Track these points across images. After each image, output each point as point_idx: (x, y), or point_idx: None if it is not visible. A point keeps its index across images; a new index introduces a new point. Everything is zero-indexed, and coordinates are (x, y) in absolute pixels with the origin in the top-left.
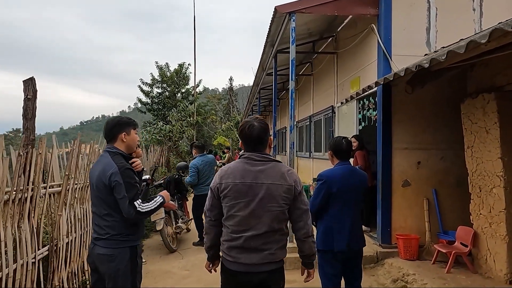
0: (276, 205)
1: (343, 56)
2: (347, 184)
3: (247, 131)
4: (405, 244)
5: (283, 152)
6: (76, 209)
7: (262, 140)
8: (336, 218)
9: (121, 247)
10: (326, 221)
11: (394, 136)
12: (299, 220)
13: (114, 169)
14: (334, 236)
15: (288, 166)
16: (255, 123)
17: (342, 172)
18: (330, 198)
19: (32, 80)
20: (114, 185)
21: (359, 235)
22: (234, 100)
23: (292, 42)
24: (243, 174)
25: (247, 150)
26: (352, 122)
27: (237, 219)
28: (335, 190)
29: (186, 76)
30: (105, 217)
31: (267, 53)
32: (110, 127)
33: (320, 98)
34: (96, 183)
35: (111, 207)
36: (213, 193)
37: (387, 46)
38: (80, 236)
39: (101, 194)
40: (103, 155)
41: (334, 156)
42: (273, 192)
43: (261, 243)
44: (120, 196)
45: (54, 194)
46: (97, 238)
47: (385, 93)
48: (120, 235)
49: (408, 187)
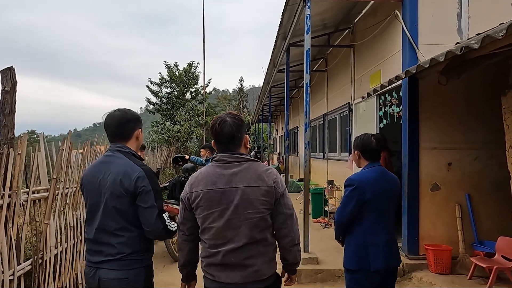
0: (254, 211)
1: (361, 49)
2: (381, 190)
3: (218, 127)
4: (436, 256)
5: (295, 153)
6: (67, 216)
7: (235, 138)
8: (370, 231)
9: (137, 267)
10: (358, 235)
11: (422, 135)
12: (283, 227)
13: (140, 172)
14: (369, 252)
15: (266, 165)
16: (227, 118)
17: (375, 175)
18: (363, 207)
19: (11, 70)
20: (141, 191)
21: (396, 250)
22: (244, 101)
23: (307, 31)
24: (214, 179)
25: (219, 150)
26: (372, 120)
27: (213, 232)
28: (368, 197)
29: (195, 75)
30: (119, 232)
31: (279, 47)
32: (125, 122)
33: (335, 95)
34: (112, 189)
35: (128, 219)
36: (184, 204)
37: (413, 35)
38: (73, 246)
39: (118, 203)
40: (113, 155)
41: (362, 157)
42: (249, 196)
43: (242, 258)
44: (147, 205)
45: (39, 200)
46: (103, 260)
47: (411, 87)
48: (136, 254)
49: (438, 192)
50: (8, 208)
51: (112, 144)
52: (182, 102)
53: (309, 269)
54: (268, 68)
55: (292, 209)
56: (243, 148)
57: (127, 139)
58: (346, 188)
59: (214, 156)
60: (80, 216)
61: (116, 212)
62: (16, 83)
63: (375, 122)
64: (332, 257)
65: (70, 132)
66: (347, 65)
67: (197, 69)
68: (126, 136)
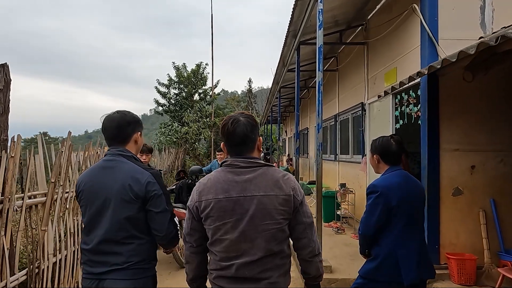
0: (272, 222)
1: (375, 46)
2: (407, 195)
3: (230, 127)
4: (460, 266)
5: (305, 154)
6: (67, 222)
7: (249, 140)
8: (400, 241)
9: (145, 276)
10: (387, 246)
11: (442, 135)
12: (303, 237)
13: (150, 176)
14: (401, 264)
15: (283, 171)
16: (241, 117)
17: (399, 180)
18: (389, 215)
19: (4, 68)
20: (152, 195)
21: (429, 261)
22: (253, 102)
23: (319, 26)
24: (226, 186)
25: (230, 154)
26: (387, 120)
27: (225, 244)
28: (395, 204)
29: (203, 76)
30: (128, 240)
31: (289, 45)
32: (124, 124)
33: (347, 95)
34: (121, 195)
35: (138, 226)
36: (192, 213)
37: (432, 29)
38: (73, 253)
39: (127, 210)
40: (116, 160)
41: (382, 161)
42: (266, 206)
43: (258, 271)
44: (159, 210)
45: (36, 206)
46: (109, 271)
47: (430, 85)
48: (144, 262)
49: (460, 196)
50: (1, 215)
51: (112, 148)
52: (190, 104)
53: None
54: (277, 67)
55: (311, 217)
56: (257, 152)
57: (126, 142)
58: (369, 195)
59: (225, 161)
60: (81, 222)
61: (125, 220)
62: (10, 81)
63: (390, 123)
64: (346, 265)
65: (70, 133)
66: (360, 64)
67: (205, 70)
68: (125, 139)
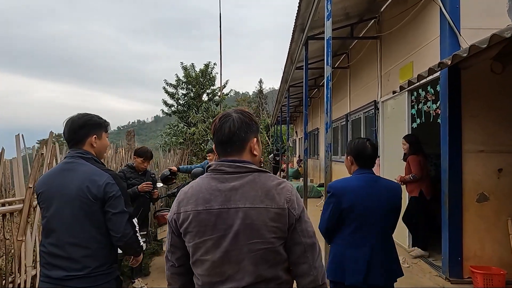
0: (260, 241)
1: (389, 40)
2: (365, 199)
3: (218, 123)
4: (486, 281)
5: (315, 155)
6: None
7: (236, 138)
8: (350, 243)
9: (107, 281)
10: (337, 245)
11: (465, 135)
12: (301, 262)
13: (108, 178)
14: (346, 265)
15: (278, 178)
16: (233, 113)
17: (358, 183)
18: (342, 217)
19: None
20: (111, 196)
21: (385, 268)
22: (264, 103)
23: (327, 16)
24: (208, 196)
25: (219, 155)
26: (403, 119)
27: (207, 266)
28: (346, 206)
29: (212, 76)
30: (86, 243)
31: (297, 41)
32: (76, 128)
33: (359, 93)
34: (79, 197)
35: (98, 228)
36: (171, 227)
37: (454, 18)
38: None
39: (86, 212)
40: (75, 162)
41: (355, 163)
42: (254, 221)
43: None
44: (116, 210)
45: (12, 214)
46: (68, 276)
47: (451, 79)
48: (105, 266)
49: (486, 203)
50: None
51: (71, 150)
52: (199, 104)
53: None
54: (285, 65)
55: (314, 237)
56: (249, 155)
57: (79, 145)
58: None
59: (210, 165)
60: None
61: (84, 221)
62: None
63: (406, 121)
64: None
65: (52, 133)
66: (372, 59)
67: (213, 70)
68: (78, 142)
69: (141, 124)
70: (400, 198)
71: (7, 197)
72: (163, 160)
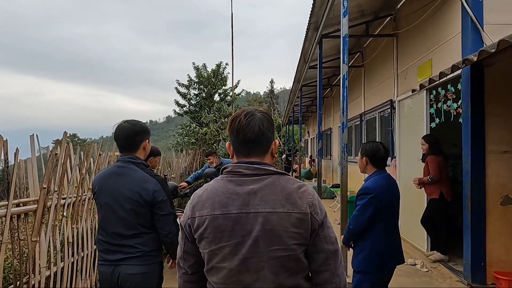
0: (281, 248)
1: (406, 37)
2: (390, 196)
3: (244, 120)
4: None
5: (328, 156)
6: (65, 231)
7: (265, 138)
8: (383, 235)
9: (153, 262)
10: (374, 240)
11: (489, 135)
12: (324, 270)
13: (156, 184)
14: (385, 256)
15: (299, 181)
16: (257, 112)
17: (386, 182)
18: (378, 213)
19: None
20: (159, 201)
21: (402, 252)
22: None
23: (343, 13)
24: (225, 200)
25: (238, 155)
26: (420, 119)
27: (223, 274)
28: (384, 204)
29: (223, 76)
30: (137, 235)
31: (310, 39)
32: (133, 135)
33: (374, 92)
34: (130, 199)
35: (146, 225)
36: (185, 232)
37: (476, 13)
38: (72, 265)
39: (136, 213)
40: (126, 167)
41: (370, 163)
42: (274, 226)
43: None
44: (164, 213)
45: (26, 214)
46: (124, 258)
47: (474, 77)
48: (153, 251)
49: (510, 206)
50: None
51: (123, 155)
52: (210, 104)
53: None
54: (298, 64)
55: (336, 243)
56: (270, 157)
57: (135, 150)
58: (363, 196)
59: (226, 167)
60: (82, 230)
61: (135, 221)
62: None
63: (424, 121)
64: None
65: (66, 134)
66: (388, 58)
67: (225, 70)
68: (134, 148)
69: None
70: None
71: (22, 198)
72: (175, 160)
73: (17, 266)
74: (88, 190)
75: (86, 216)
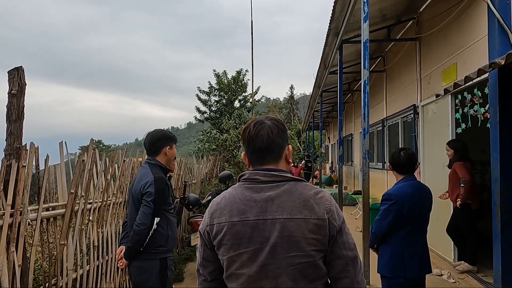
0: (300, 255)
1: (429, 41)
2: (417, 204)
3: (253, 130)
4: None
5: (349, 162)
6: (91, 235)
7: (275, 145)
8: (406, 242)
9: (151, 259)
10: (394, 245)
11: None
12: (343, 276)
13: (150, 179)
14: (405, 262)
15: (315, 187)
16: (266, 120)
17: (411, 189)
18: (399, 220)
19: (19, 71)
20: (145, 193)
21: (428, 259)
22: (295, 109)
23: (364, 18)
24: (243, 207)
25: (252, 164)
26: (445, 124)
27: (242, 281)
28: (406, 211)
29: (244, 83)
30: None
31: (330, 45)
32: (155, 140)
33: (397, 97)
34: (133, 193)
35: None
36: (204, 240)
37: (504, 14)
38: (97, 268)
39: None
40: (143, 166)
41: (394, 170)
42: (293, 232)
43: None
44: (145, 204)
45: (55, 218)
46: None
47: (502, 80)
48: (151, 247)
49: None
50: (11, 229)
51: (147, 158)
52: (231, 110)
53: None
54: (318, 70)
55: (355, 249)
56: (284, 163)
57: (156, 154)
58: (385, 202)
59: (242, 174)
60: (107, 234)
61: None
62: (25, 85)
63: (449, 127)
64: None
65: (92, 140)
66: (411, 62)
67: (245, 77)
68: (156, 152)
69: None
70: (432, 198)
71: (51, 202)
72: (196, 166)
73: (46, 268)
74: (113, 196)
75: (111, 221)
